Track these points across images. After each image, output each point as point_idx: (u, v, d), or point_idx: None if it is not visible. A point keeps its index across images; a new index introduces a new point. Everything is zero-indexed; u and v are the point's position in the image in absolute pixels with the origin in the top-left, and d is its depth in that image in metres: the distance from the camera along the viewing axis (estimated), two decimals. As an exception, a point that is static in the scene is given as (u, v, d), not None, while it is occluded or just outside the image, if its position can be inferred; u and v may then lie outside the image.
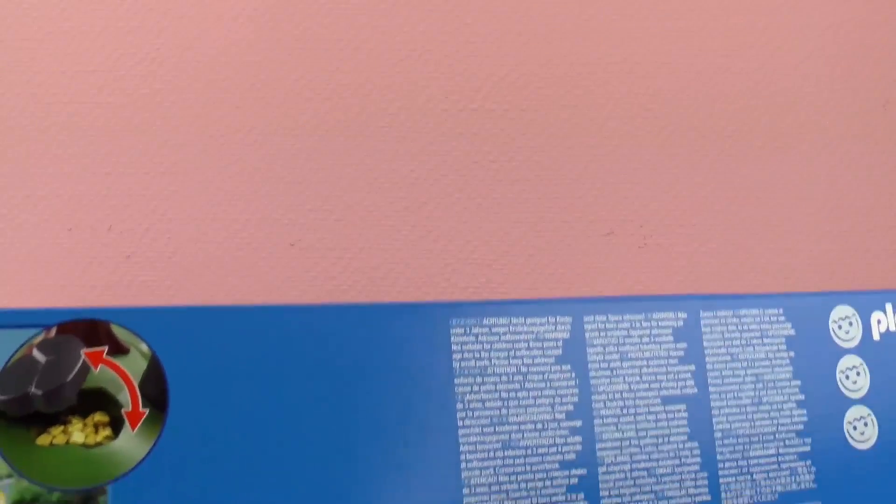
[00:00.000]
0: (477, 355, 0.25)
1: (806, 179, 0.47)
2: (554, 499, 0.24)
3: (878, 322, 0.29)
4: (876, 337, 0.29)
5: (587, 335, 0.26)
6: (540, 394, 0.25)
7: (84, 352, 0.23)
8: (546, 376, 0.25)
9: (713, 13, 0.47)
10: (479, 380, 0.24)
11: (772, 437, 0.27)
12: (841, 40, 0.48)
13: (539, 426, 0.25)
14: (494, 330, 0.25)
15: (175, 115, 0.42)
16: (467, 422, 0.24)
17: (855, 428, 0.28)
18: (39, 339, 0.23)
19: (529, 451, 0.24)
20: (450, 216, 0.44)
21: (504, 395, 0.25)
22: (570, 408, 0.25)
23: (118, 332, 0.23)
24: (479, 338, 0.25)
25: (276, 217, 0.43)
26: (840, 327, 0.29)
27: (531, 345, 0.25)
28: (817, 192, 0.47)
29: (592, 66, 0.45)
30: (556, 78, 0.45)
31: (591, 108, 0.45)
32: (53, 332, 0.23)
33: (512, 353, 0.25)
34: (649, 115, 0.46)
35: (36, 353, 0.23)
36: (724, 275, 0.46)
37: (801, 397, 0.27)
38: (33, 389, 0.23)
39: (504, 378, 0.25)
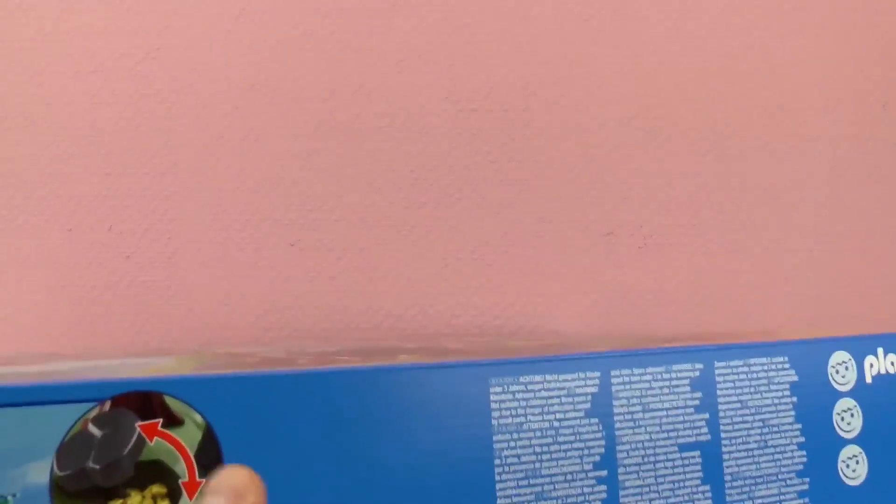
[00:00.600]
0: (514, 412, 0.26)
1: (806, 179, 0.47)
2: None
3: (871, 366, 0.32)
4: (868, 380, 0.31)
5: (614, 389, 0.27)
6: (570, 447, 0.26)
7: (139, 425, 0.23)
8: (576, 430, 0.27)
9: (713, 13, 0.47)
10: (514, 436, 0.26)
11: (775, 477, 0.29)
12: (841, 40, 0.48)
13: (569, 477, 0.26)
14: (530, 387, 0.26)
15: (175, 115, 0.43)
16: (504, 476, 0.26)
17: (847, 466, 0.30)
18: (94, 413, 0.23)
19: (560, 502, 0.26)
20: (450, 216, 0.44)
21: (538, 449, 0.26)
22: (597, 458, 0.27)
23: (171, 403, 0.24)
24: (517, 395, 0.26)
25: (276, 217, 0.43)
26: (837, 371, 0.31)
27: (563, 400, 0.27)
28: (817, 192, 0.47)
29: (592, 66, 0.45)
30: (556, 78, 0.45)
31: (590, 108, 0.45)
32: (107, 405, 0.23)
33: (546, 408, 0.27)
34: (649, 115, 0.46)
35: (91, 428, 0.23)
36: (724, 275, 0.46)
37: (802, 439, 0.30)
38: (91, 464, 0.23)
39: (538, 433, 0.26)
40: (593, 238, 0.45)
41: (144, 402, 0.23)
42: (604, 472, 0.27)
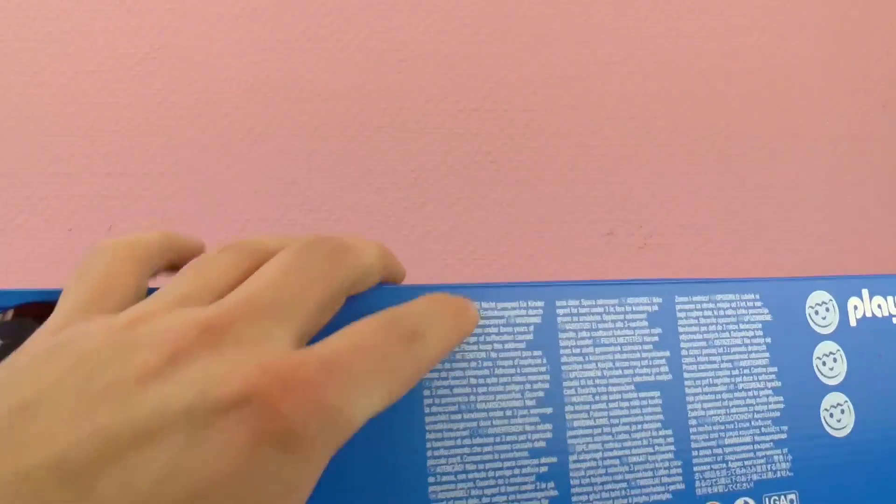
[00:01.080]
0: None
1: (806, 180, 0.47)
2: (523, 487, 0.23)
3: (855, 308, 0.29)
4: (853, 323, 0.28)
5: (559, 320, 0.25)
6: (510, 380, 0.24)
7: None
8: (516, 362, 0.24)
9: (713, 13, 0.47)
10: (447, 366, 0.23)
11: (747, 424, 0.26)
12: (841, 40, 0.48)
13: (508, 413, 0.24)
14: None
15: (175, 115, 0.43)
16: (434, 409, 0.23)
17: (832, 415, 0.27)
18: None
19: (498, 439, 0.23)
20: (450, 216, 0.44)
21: (473, 381, 0.24)
22: (541, 394, 0.24)
23: None
24: None
25: (276, 217, 0.43)
26: (817, 313, 0.28)
27: (501, 330, 0.24)
28: (817, 192, 0.47)
29: (592, 66, 0.45)
30: (556, 78, 0.45)
31: (591, 108, 0.45)
32: (10, 314, 0.22)
33: (482, 338, 0.24)
34: (649, 116, 0.46)
35: None
36: (724, 275, 0.46)
37: (778, 384, 0.27)
38: None
39: (473, 364, 0.24)
40: (593, 238, 0.45)
41: (49, 311, 0.21)
42: (548, 410, 0.24)
